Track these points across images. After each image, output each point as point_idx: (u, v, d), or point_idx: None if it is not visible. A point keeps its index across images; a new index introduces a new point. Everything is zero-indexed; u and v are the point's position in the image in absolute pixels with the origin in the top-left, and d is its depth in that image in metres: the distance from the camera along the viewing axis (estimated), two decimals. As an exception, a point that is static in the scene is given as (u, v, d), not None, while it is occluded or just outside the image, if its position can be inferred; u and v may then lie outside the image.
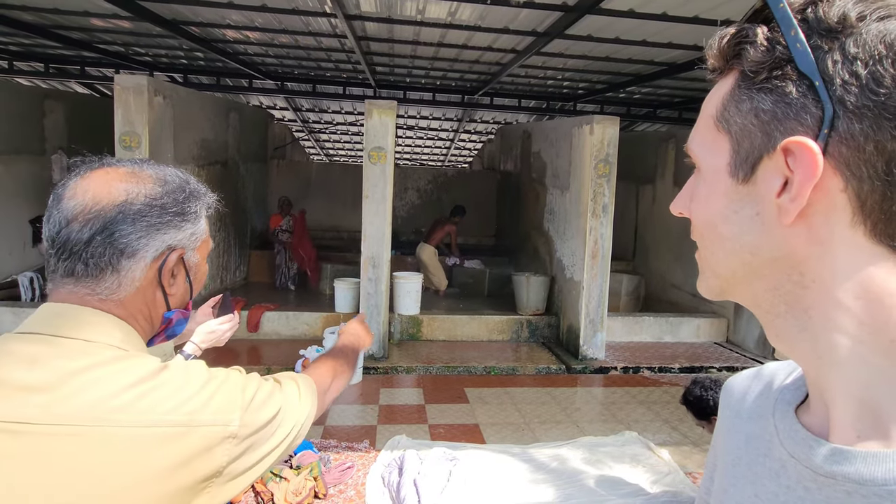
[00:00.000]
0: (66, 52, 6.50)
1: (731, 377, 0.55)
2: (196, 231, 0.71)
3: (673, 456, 3.39)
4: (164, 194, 0.68)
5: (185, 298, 0.73)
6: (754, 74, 0.36)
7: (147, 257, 0.65)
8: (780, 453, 0.41)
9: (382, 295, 5.11)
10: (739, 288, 0.41)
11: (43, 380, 0.57)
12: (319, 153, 15.05)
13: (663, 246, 7.22)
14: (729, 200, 0.39)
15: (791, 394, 0.44)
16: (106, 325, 0.63)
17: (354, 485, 2.92)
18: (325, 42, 5.52)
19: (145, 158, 0.73)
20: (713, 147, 0.40)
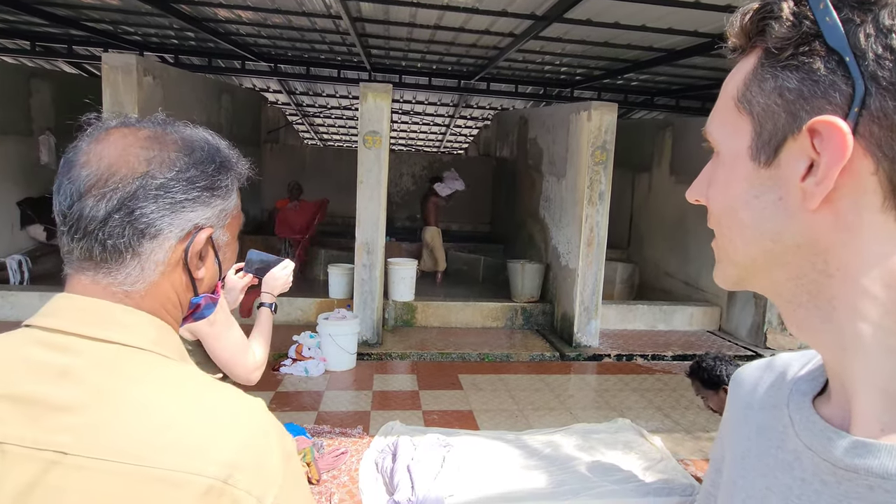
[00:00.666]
0: (53, 30, 6.34)
1: (741, 367, 0.54)
2: (227, 207, 0.63)
3: (665, 443, 3.42)
4: (192, 165, 0.58)
5: (213, 281, 0.66)
6: (779, 51, 0.34)
7: (172, 238, 0.57)
8: (795, 445, 0.40)
9: (377, 281, 5.09)
10: (759, 277, 0.40)
11: (75, 397, 0.49)
12: (314, 137, 14.88)
13: (658, 234, 7.22)
14: (750, 185, 0.37)
15: (807, 384, 0.43)
16: (139, 325, 0.56)
17: (348, 470, 2.92)
18: (319, 23, 5.40)
19: (169, 118, 0.62)
20: (733, 129, 0.38)
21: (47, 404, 0.49)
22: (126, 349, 0.53)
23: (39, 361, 0.51)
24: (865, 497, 0.34)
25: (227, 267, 0.68)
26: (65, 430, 0.48)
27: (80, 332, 0.53)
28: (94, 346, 0.52)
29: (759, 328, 5.65)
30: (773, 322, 5.58)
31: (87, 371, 0.51)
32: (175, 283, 0.60)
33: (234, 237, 0.67)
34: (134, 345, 0.54)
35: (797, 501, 0.38)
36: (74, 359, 0.51)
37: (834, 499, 0.36)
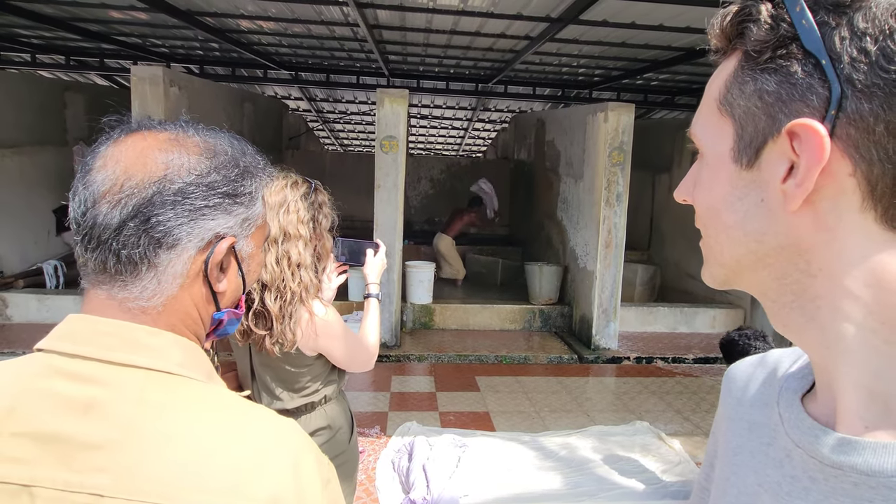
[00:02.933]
0: (85, 45, 6.62)
1: (732, 365, 0.54)
2: (251, 215, 0.58)
3: (684, 446, 3.37)
4: (213, 169, 0.54)
5: (236, 294, 0.61)
6: (758, 54, 0.35)
7: (191, 248, 0.53)
8: (784, 442, 0.40)
9: (394, 284, 5.14)
10: (745, 277, 0.40)
11: (105, 433, 0.46)
12: (334, 143, 15.11)
13: (679, 235, 7.10)
14: (733, 187, 0.37)
15: (797, 382, 0.43)
16: (165, 347, 0.52)
17: (365, 469, 2.97)
18: (337, 31, 5.52)
19: (192, 119, 0.59)
20: (716, 132, 0.38)
21: (76, 442, 0.46)
22: (153, 374, 0.50)
23: (62, 394, 0.47)
24: (851, 494, 0.34)
25: (251, 281, 0.63)
26: (98, 471, 0.45)
27: (103, 358, 0.49)
28: (119, 373, 0.49)
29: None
30: (799, 324, 5.43)
31: (115, 402, 0.47)
32: (195, 297, 0.56)
33: (259, 248, 0.63)
34: (161, 369, 0.51)
35: (787, 498, 0.38)
36: (100, 389, 0.48)
37: (822, 496, 0.36)
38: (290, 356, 1.41)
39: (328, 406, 1.53)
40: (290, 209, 1.38)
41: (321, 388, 1.50)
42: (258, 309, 1.35)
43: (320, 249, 1.46)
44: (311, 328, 1.37)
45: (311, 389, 1.49)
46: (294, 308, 1.35)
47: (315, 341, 1.40)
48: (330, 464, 0.55)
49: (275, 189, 1.39)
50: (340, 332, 1.45)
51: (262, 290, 1.34)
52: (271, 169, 0.64)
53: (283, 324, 1.34)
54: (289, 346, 1.36)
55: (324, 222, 1.47)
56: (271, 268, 1.34)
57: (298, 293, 1.36)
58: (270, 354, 1.38)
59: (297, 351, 1.40)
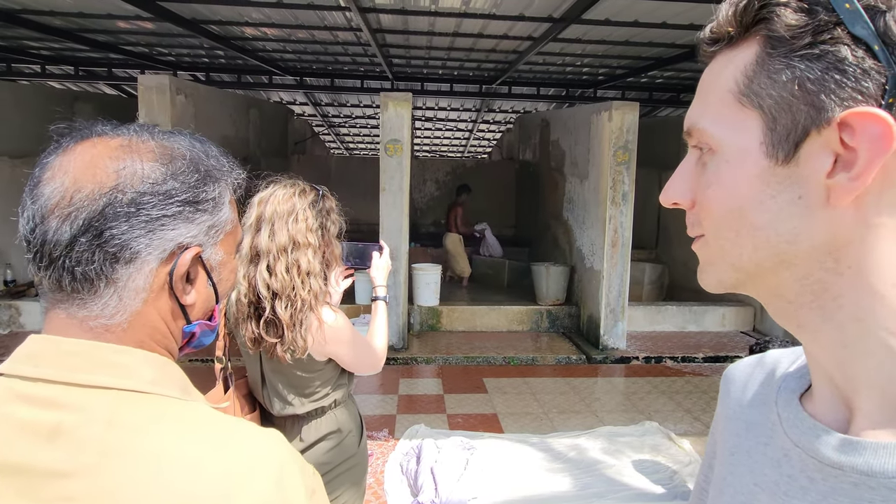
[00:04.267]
0: (93, 55, 6.71)
1: (730, 366, 0.54)
2: (217, 222, 0.55)
3: (694, 446, 3.35)
4: (170, 176, 0.51)
5: (208, 305, 0.58)
6: (793, 39, 0.32)
7: (151, 261, 0.50)
8: (783, 442, 0.40)
9: (401, 286, 5.16)
10: (761, 280, 0.38)
11: (73, 460, 0.43)
12: (339, 147, 15.18)
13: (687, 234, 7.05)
14: (764, 184, 0.35)
15: (795, 382, 0.43)
16: (134, 364, 0.49)
17: (373, 472, 2.97)
18: (341, 36, 5.55)
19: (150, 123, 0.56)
20: (735, 125, 0.36)
21: (41, 471, 0.43)
22: (123, 395, 0.47)
23: (24, 420, 0.44)
24: (850, 494, 0.34)
25: (224, 290, 0.60)
26: (67, 500, 0.42)
27: (68, 380, 0.46)
28: (86, 396, 0.46)
29: (795, 328, 5.45)
30: (810, 322, 5.38)
31: (83, 427, 0.44)
32: (162, 311, 0.53)
33: (230, 255, 0.60)
34: (131, 388, 0.48)
35: (784, 498, 0.38)
36: (66, 413, 0.45)
37: (820, 495, 0.36)
38: (300, 362, 1.42)
39: (338, 410, 1.54)
40: (299, 218, 1.39)
41: (331, 392, 1.52)
42: (269, 317, 1.36)
43: (329, 256, 1.47)
44: (322, 335, 1.39)
45: (322, 394, 1.50)
46: (304, 315, 1.37)
47: (325, 347, 1.41)
48: (315, 473, 0.54)
49: (283, 198, 1.40)
50: (349, 337, 1.47)
51: (272, 299, 1.36)
52: (239, 171, 0.61)
53: (294, 331, 1.36)
54: (300, 353, 1.38)
55: (332, 229, 1.48)
56: (281, 276, 1.36)
57: (308, 301, 1.37)
58: (282, 361, 1.39)
59: (308, 357, 1.41)
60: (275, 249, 1.37)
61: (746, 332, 5.96)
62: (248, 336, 1.41)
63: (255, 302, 1.39)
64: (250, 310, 1.40)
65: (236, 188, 0.60)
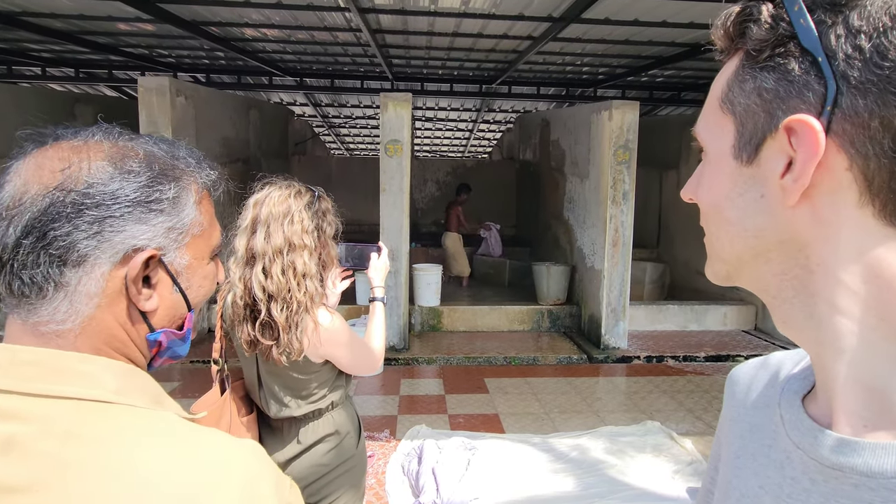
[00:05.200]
0: (94, 57, 6.72)
1: (735, 368, 0.54)
2: (177, 224, 0.53)
3: (696, 445, 3.34)
4: (118, 175, 0.49)
5: (176, 313, 0.55)
6: (757, 53, 0.35)
7: (103, 264, 0.48)
8: (785, 444, 0.40)
9: (402, 287, 5.15)
10: (746, 273, 0.40)
11: (27, 475, 0.41)
12: (340, 147, 15.18)
13: (688, 233, 7.04)
14: (733, 183, 0.38)
15: (798, 383, 0.43)
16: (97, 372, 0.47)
17: (374, 473, 2.97)
18: (340, 36, 5.55)
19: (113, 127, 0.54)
20: (718, 129, 0.39)
21: None
22: (84, 405, 0.45)
23: None
24: (851, 495, 0.34)
25: (197, 297, 0.57)
26: None
27: (23, 390, 0.43)
28: (44, 406, 0.43)
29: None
30: (812, 320, 5.36)
31: (39, 439, 0.42)
32: (120, 318, 0.51)
33: (203, 259, 0.57)
34: (93, 398, 0.45)
35: (788, 501, 0.38)
36: (20, 425, 0.42)
37: (822, 497, 0.36)
38: (297, 364, 1.41)
39: (335, 412, 1.54)
40: (295, 219, 1.39)
41: (328, 394, 1.51)
42: (265, 319, 1.36)
43: (325, 258, 1.46)
44: (317, 337, 1.38)
45: (319, 396, 1.50)
46: (300, 318, 1.36)
47: (321, 349, 1.41)
48: (293, 486, 0.52)
49: (278, 199, 1.40)
50: (346, 339, 1.46)
51: (268, 301, 1.35)
52: (210, 171, 0.58)
53: (290, 333, 1.35)
54: (296, 356, 1.37)
55: (328, 230, 1.47)
56: (277, 278, 1.35)
57: (304, 303, 1.37)
58: (278, 364, 1.39)
59: (304, 359, 1.41)
60: (270, 251, 1.37)
61: (748, 332, 5.94)
62: (244, 338, 1.40)
63: (251, 304, 1.39)
64: (246, 312, 1.40)
65: (210, 189, 0.58)
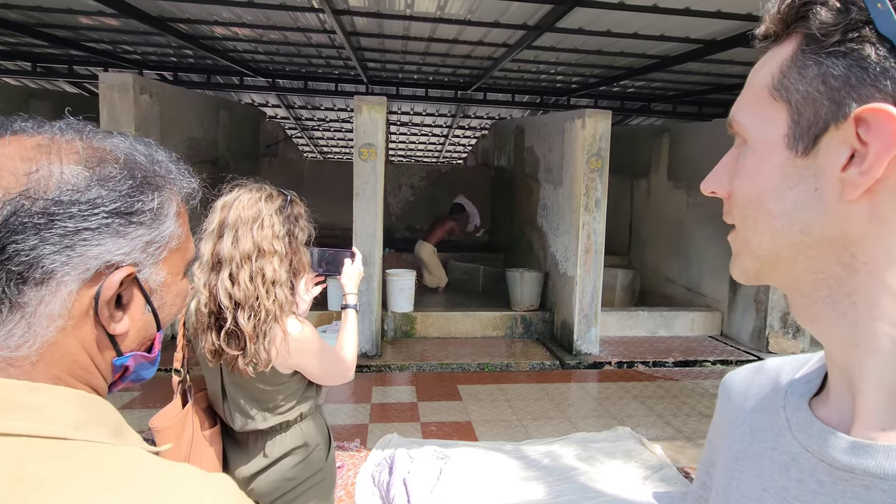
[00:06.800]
0: (53, 51, 6.43)
1: (729, 373, 0.54)
2: (157, 237, 0.48)
3: (666, 451, 3.38)
4: (95, 182, 0.43)
5: (146, 334, 0.50)
6: (825, 37, 0.34)
7: (70, 282, 0.42)
8: (791, 446, 0.40)
9: (374, 292, 5.08)
10: (779, 271, 0.39)
11: None
12: (313, 150, 14.98)
13: (658, 240, 7.20)
14: (783, 175, 0.36)
15: (803, 387, 0.43)
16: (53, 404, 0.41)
17: (344, 485, 2.89)
18: (314, 38, 5.47)
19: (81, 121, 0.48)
20: (765, 118, 0.37)
21: None
22: (35, 443, 0.39)
23: None
24: (862, 497, 0.34)
25: (167, 316, 0.52)
26: None
27: None
28: None
29: (760, 332, 5.61)
30: (774, 326, 5.54)
31: None
32: (85, 342, 0.45)
33: (177, 275, 0.52)
34: (45, 434, 0.39)
35: (794, 502, 0.38)
36: None
37: (830, 499, 0.35)
38: (264, 375, 1.36)
39: (304, 424, 1.48)
40: (265, 224, 1.33)
41: (296, 405, 1.46)
42: (231, 328, 1.30)
43: (296, 264, 1.41)
44: (286, 347, 1.33)
45: (286, 408, 1.44)
46: (269, 327, 1.31)
47: (290, 359, 1.35)
48: None
49: (248, 203, 1.34)
50: (317, 349, 1.41)
51: (234, 309, 1.29)
52: (191, 180, 0.53)
53: (258, 343, 1.30)
54: (263, 366, 1.31)
55: (300, 236, 1.42)
56: (245, 285, 1.29)
57: (273, 311, 1.31)
58: (244, 375, 1.33)
59: (272, 369, 1.35)
60: (238, 257, 1.31)
61: (714, 337, 6.09)
62: (208, 348, 1.34)
63: (216, 312, 1.32)
64: (210, 320, 1.33)
65: (188, 199, 0.53)
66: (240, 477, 1.45)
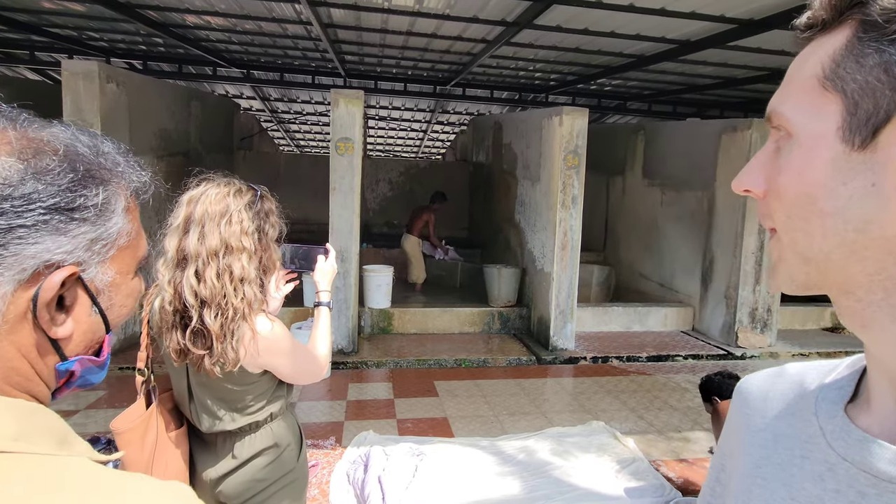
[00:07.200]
0: (13, 36, 6.15)
1: (745, 378, 0.52)
2: (104, 234, 0.45)
3: (638, 444, 3.44)
4: (31, 175, 0.41)
5: (93, 337, 0.48)
6: (887, 24, 0.32)
7: (4, 283, 0.40)
8: (826, 455, 0.38)
9: (351, 288, 5.03)
10: (830, 274, 0.36)
11: None
12: (290, 144, 14.74)
13: (633, 237, 7.32)
14: (836, 170, 0.34)
15: (835, 393, 0.41)
16: None
17: (318, 483, 2.86)
18: (290, 29, 5.36)
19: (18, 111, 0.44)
20: (815, 110, 0.35)
21: None
22: None
23: None
24: None
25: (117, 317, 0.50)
26: None
27: None
28: None
29: (730, 327, 5.76)
30: (743, 321, 5.69)
31: None
32: (23, 347, 0.42)
33: (127, 274, 0.49)
34: None
35: None
36: None
37: None
38: (231, 375, 1.32)
39: (274, 423, 1.45)
40: (233, 220, 1.29)
41: (266, 405, 1.42)
42: (197, 327, 1.26)
43: (266, 261, 1.38)
44: (255, 346, 1.29)
45: (256, 408, 1.41)
46: (237, 325, 1.27)
47: (258, 359, 1.32)
48: None
49: (216, 198, 1.30)
50: (287, 347, 1.38)
51: (200, 307, 1.25)
52: (142, 173, 0.50)
53: (225, 342, 1.26)
54: (231, 366, 1.28)
55: (270, 232, 1.39)
56: (211, 283, 1.25)
57: (241, 309, 1.28)
58: (210, 375, 1.29)
59: (241, 369, 1.32)
60: (204, 253, 1.27)
61: (686, 332, 6.23)
62: (173, 347, 1.29)
63: (181, 310, 1.28)
64: (175, 318, 1.29)
65: (138, 193, 0.50)
66: (208, 479, 1.41)
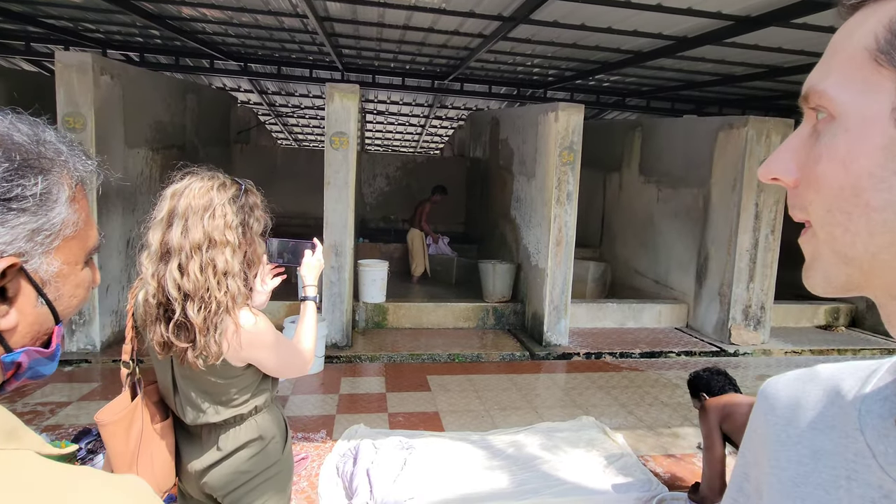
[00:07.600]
0: (9, 27, 6.13)
1: (770, 379, 0.47)
2: (45, 225, 0.45)
3: (627, 439, 3.47)
4: None
5: (41, 328, 0.47)
6: None
7: None
8: (879, 479, 0.35)
9: (346, 283, 5.05)
10: (874, 276, 0.33)
11: None
12: (288, 137, 14.70)
13: (629, 233, 7.32)
14: (888, 158, 0.30)
15: (880, 405, 0.37)
16: None
17: (308, 476, 2.89)
18: (287, 22, 5.34)
19: None
20: (866, 87, 0.31)
21: None
22: None
23: None
24: None
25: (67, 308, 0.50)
26: None
27: None
28: None
29: (723, 324, 5.78)
30: (737, 318, 5.71)
31: None
32: None
33: (75, 265, 0.49)
34: None
35: None
36: None
37: None
38: (215, 368, 1.33)
39: (259, 416, 1.47)
40: (217, 214, 1.30)
41: (250, 398, 1.44)
42: (180, 320, 1.27)
43: (251, 255, 1.39)
44: (238, 339, 1.30)
45: (240, 401, 1.42)
46: (220, 319, 1.28)
47: (241, 352, 1.33)
48: None
49: (199, 191, 1.31)
50: (271, 341, 1.39)
51: (184, 300, 1.26)
52: (86, 161, 0.50)
53: (208, 336, 1.27)
54: (213, 359, 1.29)
55: (255, 226, 1.39)
56: (195, 276, 1.26)
57: (225, 303, 1.29)
58: (194, 368, 1.30)
59: (224, 362, 1.33)
60: (188, 247, 1.28)
61: (680, 329, 6.26)
62: (157, 340, 1.31)
63: (165, 303, 1.29)
64: (159, 311, 1.30)
65: (85, 182, 0.50)
66: (192, 470, 1.43)
